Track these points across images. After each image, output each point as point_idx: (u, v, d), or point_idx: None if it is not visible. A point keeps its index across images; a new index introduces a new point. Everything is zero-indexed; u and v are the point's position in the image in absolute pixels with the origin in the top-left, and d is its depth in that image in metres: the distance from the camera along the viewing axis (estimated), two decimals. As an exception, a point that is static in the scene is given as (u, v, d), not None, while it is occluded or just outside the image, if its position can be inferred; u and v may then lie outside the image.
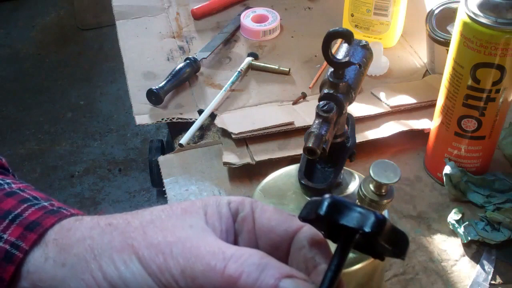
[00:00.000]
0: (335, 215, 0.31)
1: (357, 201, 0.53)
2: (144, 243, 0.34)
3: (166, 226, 0.35)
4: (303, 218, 0.34)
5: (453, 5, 0.83)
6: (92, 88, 2.41)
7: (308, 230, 0.35)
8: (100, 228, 0.36)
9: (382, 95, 0.84)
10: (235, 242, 0.37)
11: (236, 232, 0.37)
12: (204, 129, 0.83)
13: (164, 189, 0.75)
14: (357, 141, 0.65)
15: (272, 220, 0.36)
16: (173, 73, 0.88)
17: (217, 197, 0.38)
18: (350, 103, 0.60)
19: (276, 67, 0.92)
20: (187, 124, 0.82)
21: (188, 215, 0.36)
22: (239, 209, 0.37)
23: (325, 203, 0.32)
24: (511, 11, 0.60)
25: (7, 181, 0.43)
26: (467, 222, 0.68)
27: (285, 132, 0.79)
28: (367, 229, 0.30)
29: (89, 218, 0.38)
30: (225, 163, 0.75)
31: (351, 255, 0.39)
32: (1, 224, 0.38)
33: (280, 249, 0.36)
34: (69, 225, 0.37)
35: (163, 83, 0.86)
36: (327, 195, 0.32)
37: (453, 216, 0.69)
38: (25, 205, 0.39)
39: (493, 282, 0.64)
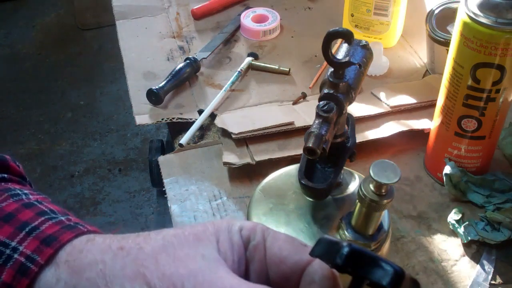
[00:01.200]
0: (353, 266, 0.31)
1: (357, 201, 0.53)
2: (156, 273, 0.34)
3: (178, 255, 0.35)
4: (316, 256, 0.34)
5: (453, 5, 0.83)
6: (92, 88, 2.41)
7: (319, 264, 0.35)
8: (112, 252, 0.36)
9: (382, 95, 0.84)
10: (246, 271, 0.37)
11: (248, 260, 0.37)
12: (204, 129, 0.83)
13: (164, 189, 0.75)
14: (357, 141, 0.66)
15: (283, 250, 0.36)
16: (173, 73, 0.88)
17: (228, 221, 0.37)
18: (350, 103, 0.60)
19: (276, 67, 0.92)
20: (187, 124, 0.82)
21: (201, 243, 0.35)
22: (250, 236, 0.37)
23: (344, 254, 0.31)
24: (511, 11, 0.60)
25: (25, 191, 0.42)
26: (467, 222, 0.68)
27: (285, 132, 0.79)
28: (385, 283, 0.30)
29: (101, 240, 0.37)
30: (225, 163, 0.75)
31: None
32: (18, 236, 0.38)
33: (291, 281, 0.35)
34: (80, 246, 0.37)
35: (163, 83, 0.86)
36: (345, 243, 0.32)
37: (453, 216, 0.69)
38: (43, 218, 0.39)
39: (493, 282, 0.64)
